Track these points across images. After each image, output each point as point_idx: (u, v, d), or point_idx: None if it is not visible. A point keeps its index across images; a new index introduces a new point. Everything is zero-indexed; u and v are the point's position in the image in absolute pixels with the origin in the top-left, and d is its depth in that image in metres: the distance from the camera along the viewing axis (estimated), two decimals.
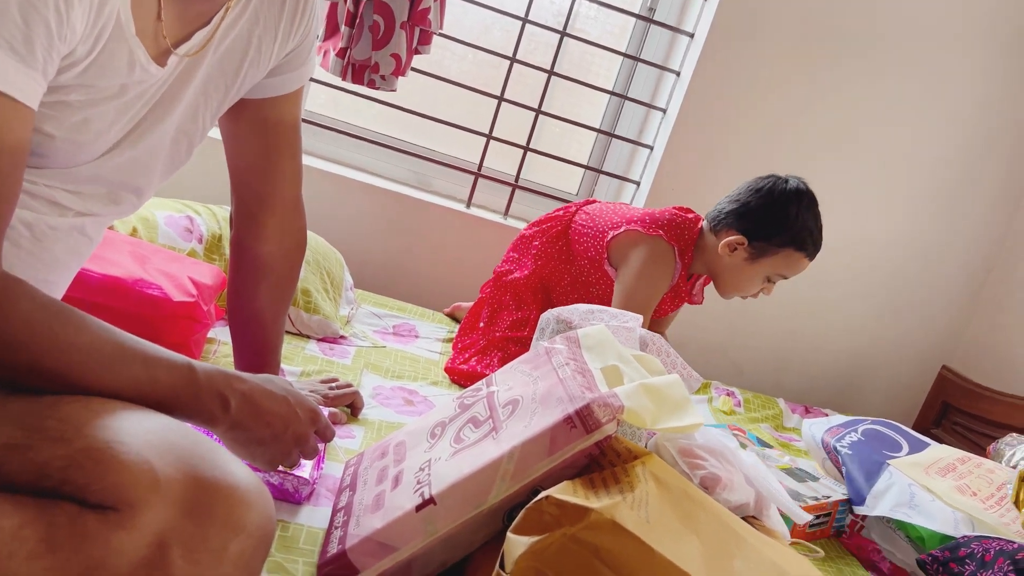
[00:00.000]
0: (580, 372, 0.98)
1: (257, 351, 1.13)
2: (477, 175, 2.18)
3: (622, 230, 1.68)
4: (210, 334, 1.39)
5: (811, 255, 1.65)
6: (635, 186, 2.26)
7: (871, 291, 2.39)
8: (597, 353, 1.06)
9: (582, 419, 0.87)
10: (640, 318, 1.26)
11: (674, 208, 1.74)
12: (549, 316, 1.27)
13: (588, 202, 1.83)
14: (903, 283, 2.40)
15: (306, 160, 2.02)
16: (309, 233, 1.69)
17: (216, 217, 1.61)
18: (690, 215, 1.73)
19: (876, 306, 2.41)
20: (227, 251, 1.47)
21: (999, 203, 2.36)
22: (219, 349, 1.38)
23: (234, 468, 0.69)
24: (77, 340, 0.69)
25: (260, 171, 1.04)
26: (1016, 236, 2.35)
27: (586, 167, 2.28)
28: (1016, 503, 1.38)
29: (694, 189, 2.16)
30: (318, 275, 1.66)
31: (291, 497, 0.99)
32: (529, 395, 0.98)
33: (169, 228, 1.50)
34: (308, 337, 1.58)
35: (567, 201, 2.16)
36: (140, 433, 0.65)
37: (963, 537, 1.30)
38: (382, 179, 2.14)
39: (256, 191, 1.05)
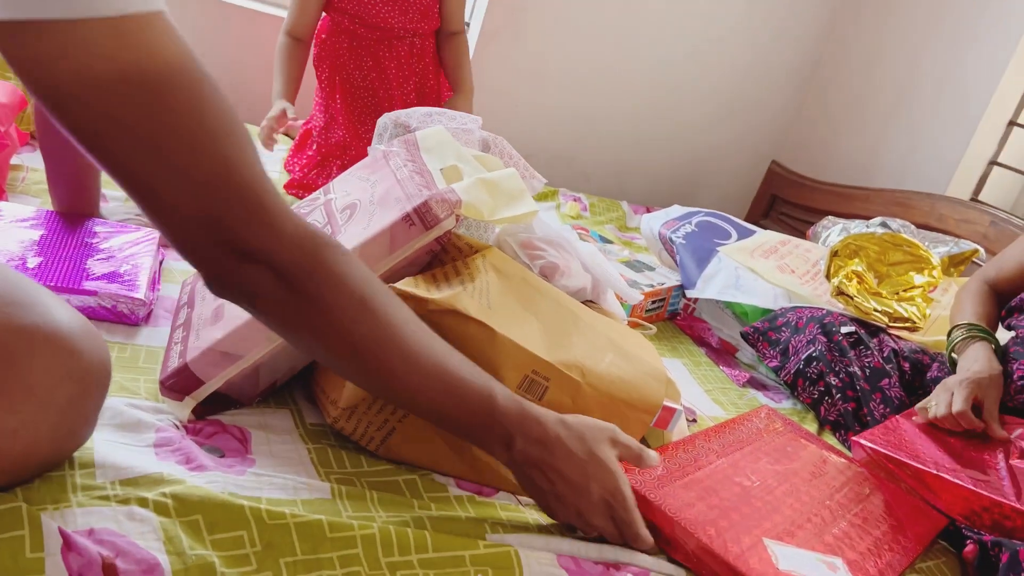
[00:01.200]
0: (418, 172, 0.97)
1: (73, 175, 1.05)
2: None
3: None
4: (15, 160, 1.27)
5: None
6: None
7: (707, 93, 2.45)
8: (436, 154, 1.04)
9: (420, 216, 0.87)
10: (479, 119, 1.24)
11: None
12: (387, 120, 1.23)
13: None
14: (736, 84, 2.47)
15: None
16: None
17: None
18: None
19: (712, 107, 2.48)
20: None
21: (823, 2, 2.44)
22: (27, 176, 1.26)
23: (56, 313, 0.63)
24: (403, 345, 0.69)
25: None
26: (838, 35, 2.45)
27: None
28: (827, 276, 1.52)
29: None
30: None
31: (127, 319, 0.96)
32: (367, 198, 0.96)
33: None
34: None
35: None
36: None
37: (781, 309, 1.43)
38: None
39: None
